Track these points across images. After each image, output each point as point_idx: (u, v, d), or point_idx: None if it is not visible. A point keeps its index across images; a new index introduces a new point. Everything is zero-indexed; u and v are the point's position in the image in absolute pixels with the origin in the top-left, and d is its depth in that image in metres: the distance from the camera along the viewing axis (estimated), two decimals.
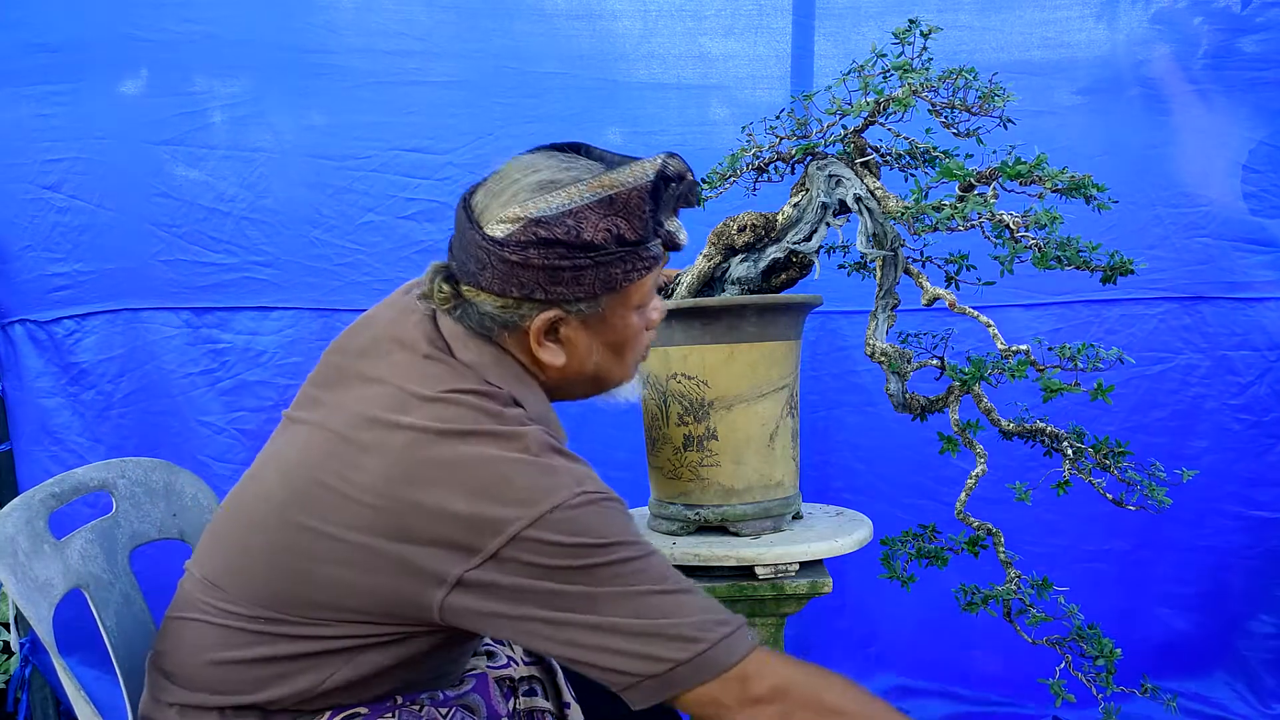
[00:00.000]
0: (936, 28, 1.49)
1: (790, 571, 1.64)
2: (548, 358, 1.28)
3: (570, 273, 1.20)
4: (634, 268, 1.23)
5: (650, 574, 1.15)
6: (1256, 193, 2.62)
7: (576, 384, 1.36)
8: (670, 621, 1.13)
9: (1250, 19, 2.55)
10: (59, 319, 2.59)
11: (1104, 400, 1.39)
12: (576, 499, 1.14)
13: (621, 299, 1.27)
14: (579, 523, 1.13)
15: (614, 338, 1.31)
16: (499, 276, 1.21)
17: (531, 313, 1.24)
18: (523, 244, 1.19)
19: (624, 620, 1.13)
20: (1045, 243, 1.38)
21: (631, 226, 1.20)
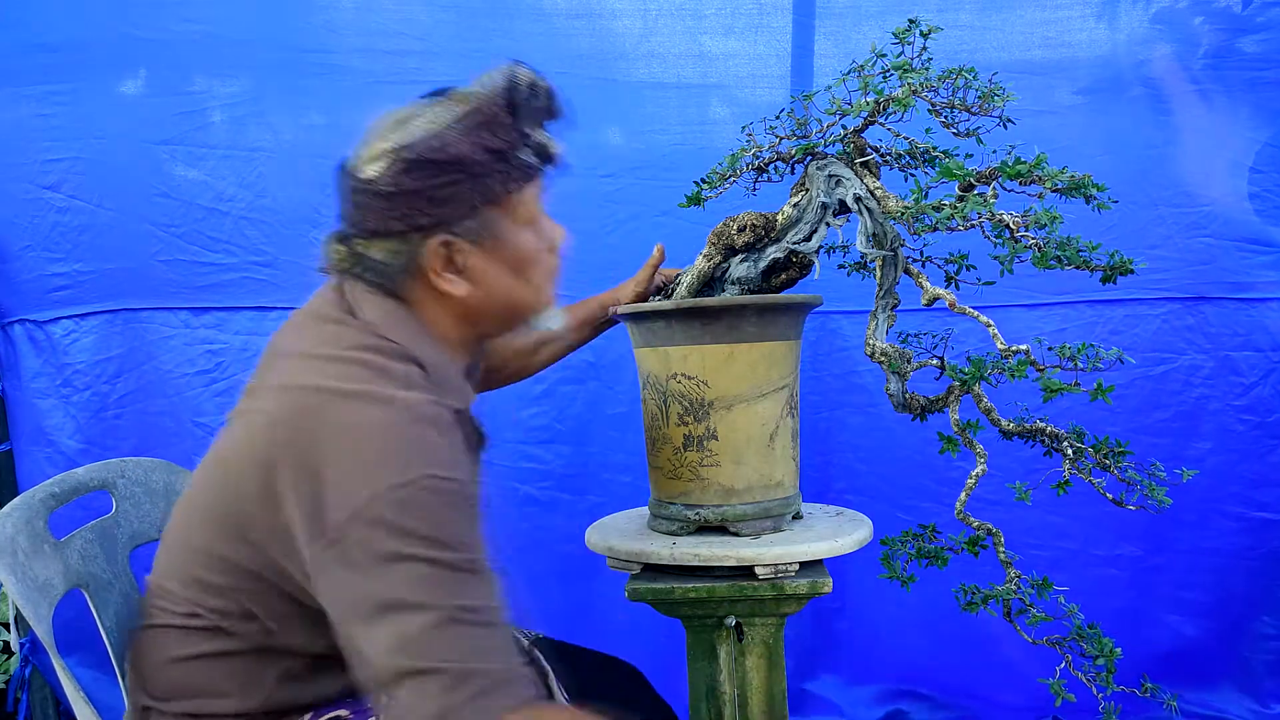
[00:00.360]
0: (936, 28, 1.49)
1: (790, 571, 1.64)
2: (452, 289, 1.28)
3: (446, 190, 1.22)
4: (510, 177, 1.25)
5: (459, 589, 1.10)
6: (1260, 193, 2.62)
7: (491, 317, 1.34)
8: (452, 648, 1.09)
9: (1250, 19, 2.55)
10: (57, 319, 2.59)
11: (1104, 400, 1.39)
12: (423, 480, 1.11)
13: (507, 214, 1.27)
14: (412, 507, 1.10)
15: (512, 256, 1.30)
16: (381, 214, 1.23)
17: (421, 246, 1.24)
18: (394, 174, 1.21)
19: (431, 614, 1.09)
20: (1045, 242, 1.38)
21: (495, 136, 1.22)
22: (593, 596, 2.75)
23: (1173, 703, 1.50)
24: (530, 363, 1.96)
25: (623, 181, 2.68)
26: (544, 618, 2.72)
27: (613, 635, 2.66)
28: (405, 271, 1.27)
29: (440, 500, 1.12)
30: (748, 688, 1.73)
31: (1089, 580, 2.70)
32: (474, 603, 1.11)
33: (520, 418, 2.73)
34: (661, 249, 1.87)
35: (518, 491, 2.75)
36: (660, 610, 1.73)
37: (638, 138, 2.71)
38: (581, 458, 2.76)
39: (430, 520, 1.11)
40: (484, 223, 1.26)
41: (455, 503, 1.13)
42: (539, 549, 2.74)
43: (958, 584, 1.69)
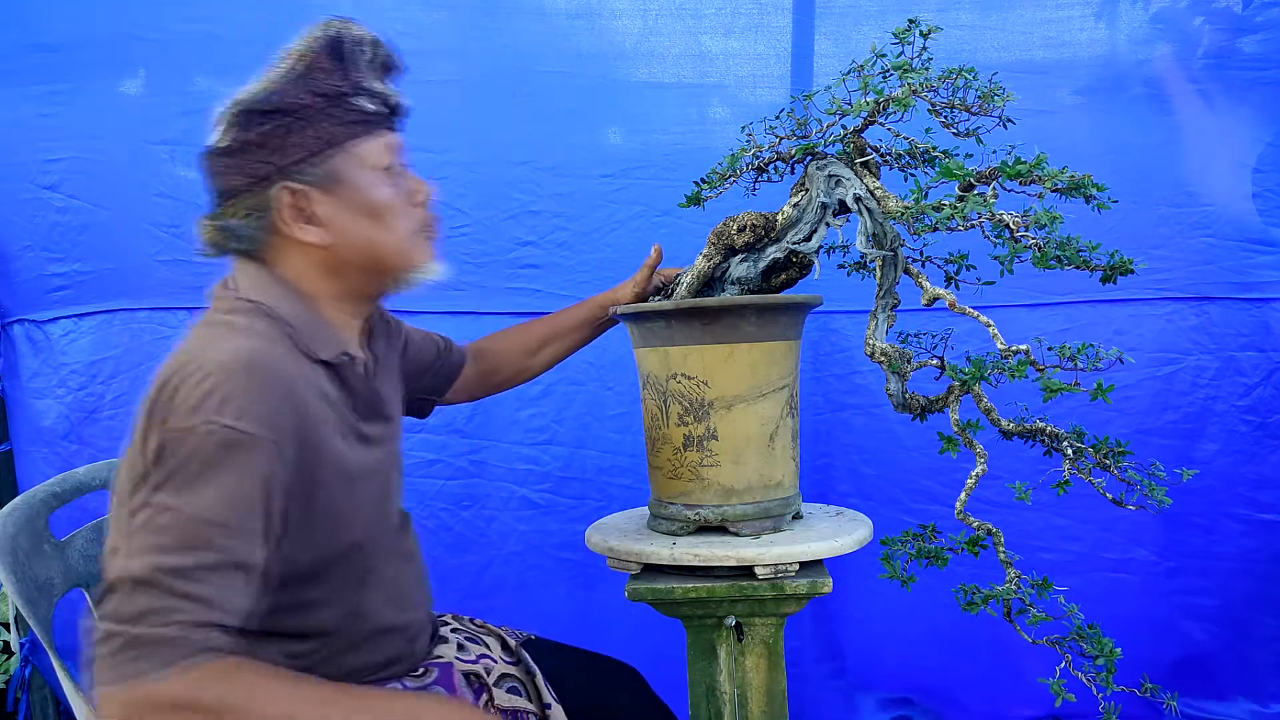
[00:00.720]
0: (936, 28, 1.49)
1: (790, 571, 1.64)
2: (305, 237, 1.29)
3: (279, 136, 1.26)
4: (347, 121, 1.29)
5: (176, 548, 1.07)
6: (1262, 193, 2.62)
7: (356, 266, 1.34)
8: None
9: (1250, 19, 2.56)
10: (56, 319, 2.59)
11: (1105, 400, 1.39)
12: (202, 426, 1.10)
13: (353, 160, 1.30)
14: (178, 452, 1.10)
15: (363, 202, 1.31)
16: (229, 173, 1.28)
17: (269, 198, 1.27)
18: (234, 130, 1.26)
19: (143, 557, 1.07)
20: (1045, 242, 1.38)
21: (321, 83, 1.27)
22: (590, 599, 2.75)
23: (1172, 702, 1.50)
24: (530, 364, 1.96)
25: (622, 181, 2.68)
26: (541, 620, 2.73)
27: (611, 637, 2.66)
28: (263, 230, 1.30)
29: (211, 448, 1.10)
30: (748, 688, 1.73)
31: (1098, 584, 2.70)
32: (183, 563, 1.07)
33: (518, 418, 2.73)
34: (659, 249, 1.88)
35: (515, 494, 2.74)
36: (660, 610, 1.73)
37: (637, 137, 2.71)
38: (579, 460, 2.76)
39: (187, 469, 1.10)
40: (327, 168, 1.28)
41: (227, 453, 1.11)
42: (537, 552, 2.74)
43: (957, 585, 1.69)
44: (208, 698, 1.05)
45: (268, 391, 1.15)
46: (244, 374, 1.14)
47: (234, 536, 1.11)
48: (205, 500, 1.09)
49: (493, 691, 1.47)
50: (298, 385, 1.21)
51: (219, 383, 1.12)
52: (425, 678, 1.45)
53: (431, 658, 1.51)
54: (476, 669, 1.49)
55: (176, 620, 1.05)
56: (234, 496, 1.11)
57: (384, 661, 1.41)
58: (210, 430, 1.10)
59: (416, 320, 2.66)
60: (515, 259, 2.68)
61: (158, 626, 1.04)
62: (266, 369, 1.17)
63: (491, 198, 2.65)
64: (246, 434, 1.12)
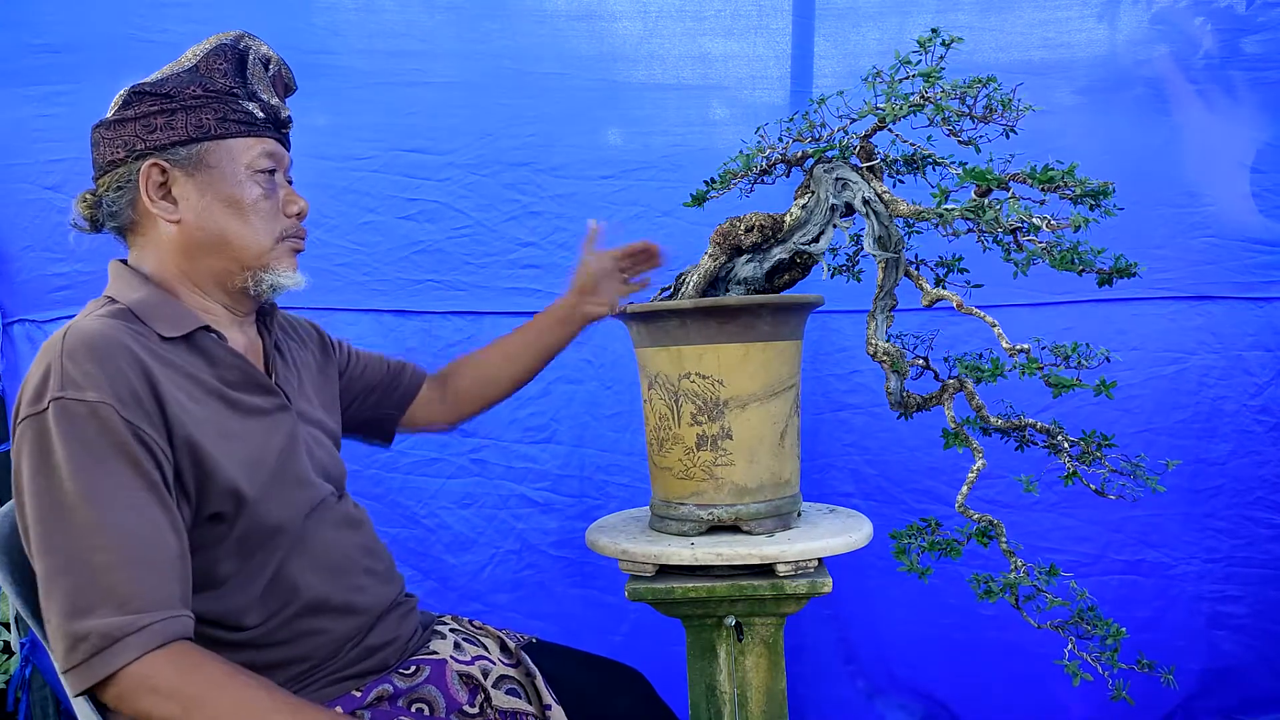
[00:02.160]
0: (958, 38, 1.50)
1: (809, 567, 1.65)
2: (163, 214, 1.36)
3: (162, 117, 1.34)
4: (228, 119, 1.37)
5: (72, 530, 1.14)
6: (1262, 193, 2.64)
7: (209, 250, 1.39)
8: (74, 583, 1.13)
9: (1252, 19, 2.58)
10: (58, 319, 2.58)
11: (1107, 395, 1.41)
12: (53, 405, 1.16)
13: (226, 153, 1.38)
14: (39, 436, 1.17)
15: (227, 194, 1.38)
16: (107, 146, 1.37)
17: (137, 174, 1.35)
18: (121, 108, 1.37)
19: (48, 559, 1.15)
20: (1058, 246, 1.40)
21: (214, 80, 1.37)
22: (589, 597, 2.76)
23: (1168, 676, 1.51)
24: (504, 373, 1.94)
25: (623, 182, 2.69)
26: (541, 616, 2.74)
27: (609, 637, 2.68)
28: (129, 205, 1.38)
29: (65, 424, 1.16)
30: (747, 687, 1.74)
31: (1109, 586, 2.69)
32: (86, 544, 1.14)
33: (518, 417, 2.74)
34: (595, 224, 1.91)
35: (514, 492, 2.76)
36: (660, 610, 1.73)
37: (638, 139, 2.72)
38: (578, 458, 2.77)
39: (48, 449, 1.16)
40: (197, 154, 1.36)
41: (81, 426, 1.16)
42: (535, 550, 2.75)
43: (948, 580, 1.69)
44: (171, 683, 1.12)
45: (102, 360, 1.19)
46: (76, 352, 1.19)
47: (118, 525, 1.16)
48: (87, 492, 1.15)
49: (490, 693, 1.48)
50: (135, 351, 1.23)
51: (53, 367, 1.18)
52: (416, 676, 1.45)
53: (425, 654, 1.51)
54: (472, 670, 1.49)
55: (122, 605, 1.13)
56: (104, 466, 1.16)
57: (338, 644, 1.41)
58: (60, 407, 1.16)
59: (416, 320, 2.69)
60: (516, 259, 2.69)
61: (111, 615, 1.12)
62: (95, 342, 1.21)
63: (493, 199, 2.67)
64: (91, 401, 1.17)
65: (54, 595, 1.14)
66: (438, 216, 2.67)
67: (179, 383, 1.28)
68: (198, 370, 1.33)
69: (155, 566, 1.17)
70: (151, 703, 1.12)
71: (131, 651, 1.12)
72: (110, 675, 1.11)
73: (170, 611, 1.16)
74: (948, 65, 1.54)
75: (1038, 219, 1.38)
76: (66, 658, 1.12)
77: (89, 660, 1.11)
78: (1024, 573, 1.53)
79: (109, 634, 1.11)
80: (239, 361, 1.39)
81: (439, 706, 1.43)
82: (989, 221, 1.40)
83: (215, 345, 1.37)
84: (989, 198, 1.47)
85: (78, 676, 1.12)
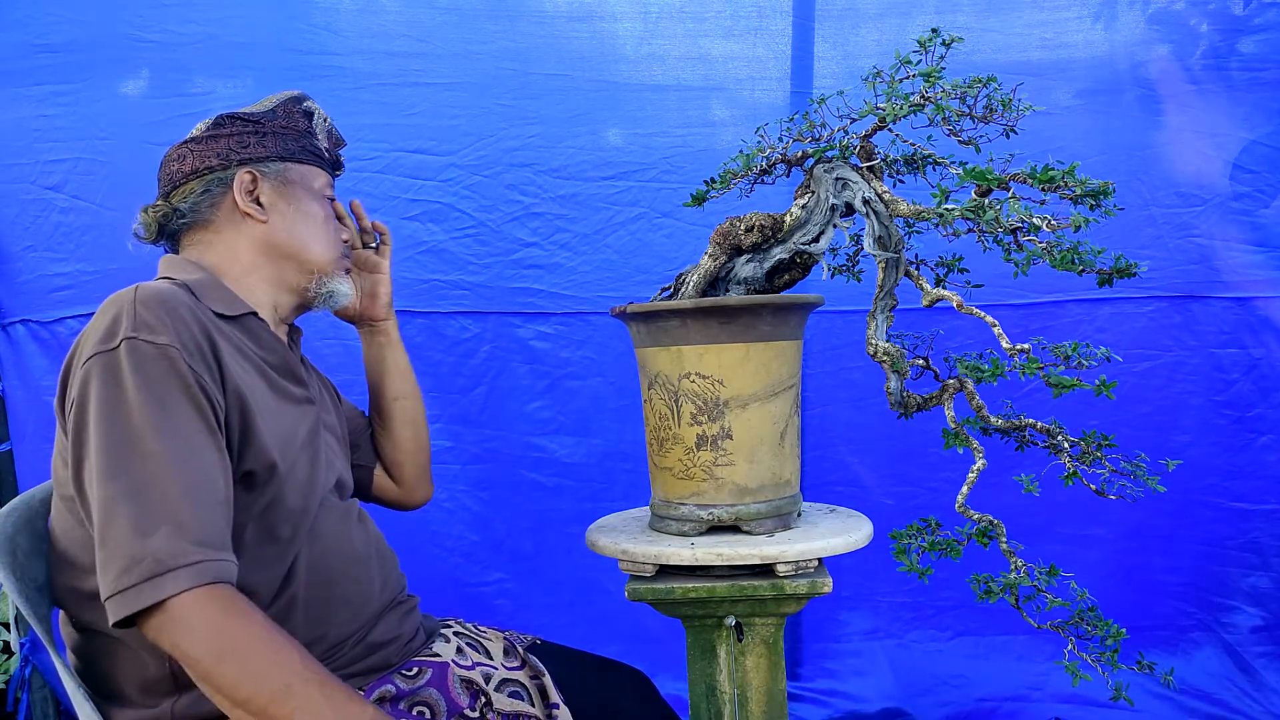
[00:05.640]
0: (958, 38, 1.51)
1: (810, 568, 1.65)
2: (255, 214, 1.51)
3: (254, 136, 1.53)
4: (304, 148, 1.58)
5: (130, 465, 1.17)
6: (1251, 192, 2.66)
7: (284, 254, 1.53)
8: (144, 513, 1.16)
9: (1248, 20, 2.59)
10: (62, 319, 2.59)
11: (1107, 395, 1.41)
12: (124, 344, 1.21)
13: (304, 175, 1.58)
14: (108, 371, 1.21)
15: (305, 209, 1.56)
16: (197, 158, 1.52)
17: (232, 174, 1.51)
18: (213, 126, 1.54)
19: (116, 483, 1.17)
20: (1060, 246, 1.40)
21: (293, 120, 1.59)
22: (600, 574, 2.79)
23: (1168, 678, 1.51)
24: (395, 417, 1.85)
25: (623, 183, 2.70)
26: (553, 592, 2.79)
27: (621, 611, 2.68)
28: (212, 206, 1.51)
29: (136, 360, 1.20)
30: (748, 687, 1.74)
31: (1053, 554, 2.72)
32: (154, 473, 1.17)
33: (525, 411, 2.79)
34: (356, 203, 1.87)
35: (525, 478, 2.81)
36: (660, 610, 1.73)
37: (638, 139, 2.73)
38: (585, 448, 2.81)
39: (120, 382, 1.20)
40: (283, 172, 1.55)
41: (151, 364, 1.21)
42: (548, 529, 2.80)
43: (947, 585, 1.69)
44: (209, 623, 1.13)
45: (171, 310, 1.25)
46: (149, 300, 1.25)
47: (184, 460, 1.19)
48: (156, 423, 1.19)
49: (491, 697, 1.48)
50: (199, 314, 1.30)
51: (125, 311, 1.24)
52: (419, 678, 1.46)
53: (427, 656, 1.52)
54: (473, 675, 1.50)
55: (182, 555, 1.15)
56: (169, 407, 1.20)
57: (341, 637, 1.42)
58: (132, 345, 1.21)
59: (422, 319, 2.70)
60: (519, 260, 2.70)
61: (167, 560, 1.14)
62: (164, 296, 1.27)
63: (495, 199, 2.68)
64: (161, 343, 1.22)
65: (115, 519, 1.15)
66: (441, 217, 2.68)
67: (231, 352, 1.33)
68: (246, 346, 1.40)
69: (211, 505, 1.20)
70: (188, 640, 1.13)
71: (181, 582, 1.13)
72: (156, 604, 1.12)
73: (220, 553, 1.18)
74: (947, 66, 1.54)
75: (1038, 219, 1.38)
76: (118, 579, 1.13)
77: (139, 585, 1.12)
78: (1024, 573, 1.53)
79: (164, 560, 1.13)
80: (280, 347, 1.48)
81: (440, 710, 1.43)
82: (989, 221, 1.40)
83: (262, 329, 1.46)
84: (989, 198, 1.47)
85: (124, 600, 1.12)
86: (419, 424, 1.87)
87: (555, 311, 2.71)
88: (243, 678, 1.12)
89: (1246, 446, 2.74)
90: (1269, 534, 2.76)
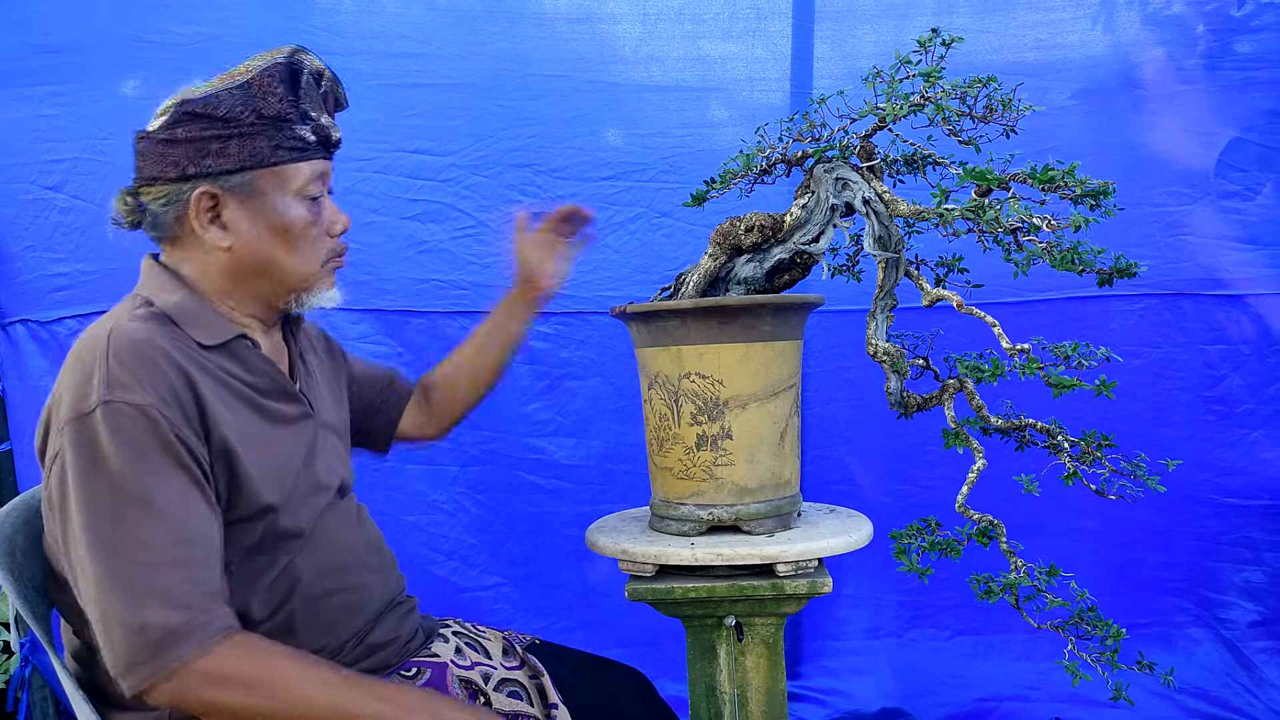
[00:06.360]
0: (958, 38, 1.51)
1: (809, 568, 1.65)
2: (213, 239, 1.35)
3: (215, 144, 1.31)
4: (281, 145, 1.34)
5: (124, 530, 1.15)
6: (1241, 190, 2.67)
7: (255, 274, 1.39)
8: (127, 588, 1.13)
9: (1245, 21, 2.60)
10: (62, 319, 2.60)
11: (1107, 395, 1.41)
12: (100, 408, 1.17)
13: (277, 180, 1.36)
14: (84, 437, 1.16)
15: (278, 221, 1.37)
16: (154, 161, 1.33)
17: (188, 194, 1.33)
18: (170, 124, 1.32)
19: (103, 558, 1.15)
20: (1059, 246, 1.40)
21: (268, 104, 1.33)
22: (599, 575, 2.82)
23: (1168, 678, 1.51)
24: (481, 384, 1.92)
25: (623, 183, 2.71)
26: (552, 593, 2.78)
27: (621, 612, 2.68)
28: (176, 221, 1.35)
29: (114, 425, 1.16)
30: (747, 687, 1.74)
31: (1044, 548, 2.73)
32: (141, 542, 1.15)
33: (524, 412, 2.78)
34: (523, 214, 1.92)
35: (524, 480, 2.81)
36: (660, 610, 1.73)
37: (637, 140, 2.73)
38: (584, 449, 2.81)
39: (98, 452, 1.16)
40: (250, 183, 1.34)
41: (130, 427, 1.17)
42: (546, 531, 2.81)
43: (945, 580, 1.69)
44: (241, 670, 1.14)
45: (147, 363, 1.21)
46: (122, 354, 1.20)
47: (159, 508, 1.17)
48: (140, 492, 1.16)
49: (490, 697, 1.48)
50: (175, 357, 1.24)
51: (98, 368, 1.19)
52: (418, 678, 1.46)
53: (426, 656, 1.52)
54: (472, 676, 1.50)
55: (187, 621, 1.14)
56: (151, 467, 1.17)
57: (341, 640, 1.42)
58: (108, 409, 1.16)
59: (421, 319, 2.70)
60: None
61: (171, 612, 1.13)
62: (140, 346, 1.22)
63: (495, 200, 2.68)
64: (138, 403, 1.18)
65: (111, 595, 1.14)
66: (441, 217, 2.68)
67: (215, 390, 1.29)
68: (232, 377, 1.34)
69: (207, 563, 1.19)
70: (224, 694, 1.14)
71: (194, 646, 1.13)
72: (173, 671, 1.12)
73: (223, 607, 1.19)
74: (945, 66, 1.54)
75: (1038, 219, 1.39)
76: (128, 655, 1.12)
77: (151, 658, 1.12)
78: (1024, 573, 1.53)
79: (171, 630, 1.12)
80: (270, 369, 1.40)
81: None
82: (989, 221, 1.41)
83: (250, 353, 1.38)
84: (989, 198, 1.47)
85: (139, 674, 1.12)
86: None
87: (554, 311, 2.71)
88: (297, 703, 1.15)
89: (1238, 443, 2.76)
90: (1262, 529, 2.78)
